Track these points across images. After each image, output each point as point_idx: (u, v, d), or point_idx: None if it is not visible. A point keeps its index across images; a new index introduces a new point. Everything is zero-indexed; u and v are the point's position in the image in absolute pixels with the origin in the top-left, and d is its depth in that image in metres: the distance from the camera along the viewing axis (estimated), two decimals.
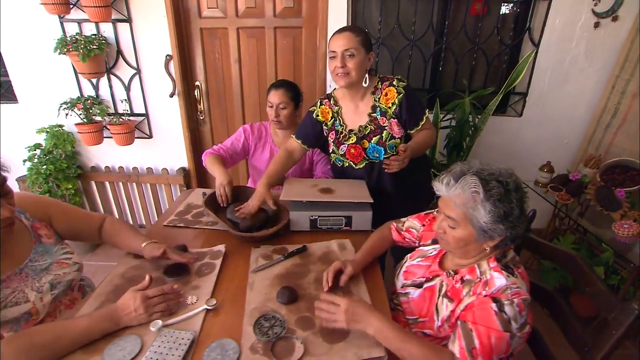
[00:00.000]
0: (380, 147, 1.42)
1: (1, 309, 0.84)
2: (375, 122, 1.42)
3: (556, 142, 2.26)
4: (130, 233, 1.17)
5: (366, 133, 1.43)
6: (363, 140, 1.45)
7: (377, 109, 1.41)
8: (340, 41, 1.30)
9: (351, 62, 1.31)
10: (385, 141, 1.41)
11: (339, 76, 1.34)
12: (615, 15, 1.98)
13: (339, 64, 1.31)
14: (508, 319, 0.79)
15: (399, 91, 1.37)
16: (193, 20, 2.19)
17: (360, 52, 1.31)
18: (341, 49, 1.30)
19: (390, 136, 1.41)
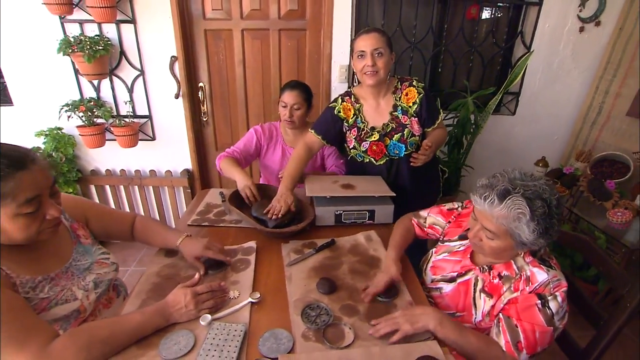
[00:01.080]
0: (401, 144, 1.49)
1: (53, 306, 0.84)
2: (397, 120, 1.48)
3: (547, 138, 2.42)
4: (162, 229, 1.18)
5: (388, 131, 1.50)
6: (385, 138, 1.50)
7: (399, 108, 1.48)
8: (369, 41, 1.37)
9: (380, 61, 1.37)
10: (406, 139, 1.48)
11: (367, 75, 1.40)
12: (598, 20, 2.15)
13: (369, 62, 1.37)
14: (552, 314, 0.86)
15: (419, 91, 1.45)
16: (197, 21, 2.19)
17: (386, 51, 1.39)
18: (370, 49, 1.36)
19: (411, 134, 1.48)
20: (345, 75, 2.28)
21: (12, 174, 0.74)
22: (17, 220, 0.76)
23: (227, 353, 0.83)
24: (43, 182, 0.80)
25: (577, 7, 2.12)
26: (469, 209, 1.17)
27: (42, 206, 0.80)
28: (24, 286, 0.81)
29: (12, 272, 0.79)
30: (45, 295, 0.84)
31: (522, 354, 0.86)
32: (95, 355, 0.77)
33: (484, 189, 0.88)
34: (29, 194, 0.76)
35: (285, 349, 0.85)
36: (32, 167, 0.78)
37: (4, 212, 0.75)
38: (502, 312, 0.92)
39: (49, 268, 0.88)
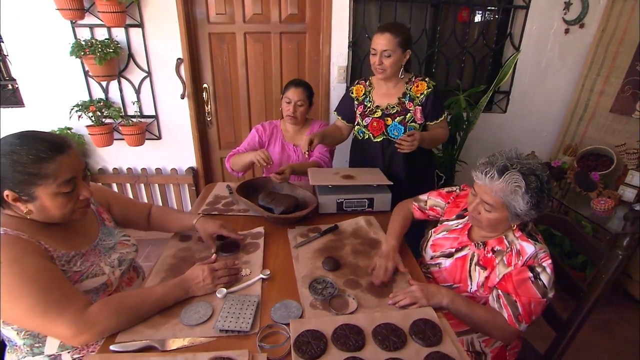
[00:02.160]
0: (401, 126, 1.63)
1: (84, 279, 0.93)
2: (403, 105, 1.63)
3: (537, 134, 2.53)
4: (178, 213, 1.28)
5: (392, 112, 1.64)
6: (387, 117, 1.65)
7: (407, 95, 1.63)
8: (381, 41, 1.52)
9: (387, 61, 1.54)
10: (407, 122, 1.62)
11: (377, 71, 1.59)
12: (582, 22, 2.28)
13: (377, 61, 1.55)
14: (544, 286, 0.96)
15: (429, 86, 1.61)
16: (202, 25, 2.30)
17: (396, 52, 1.52)
18: (380, 49, 1.53)
19: (413, 119, 1.63)
20: (343, 76, 2.38)
21: (53, 157, 0.83)
22: (56, 199, 0.85)
23: (243, 319, 0.92)
24: (78, 166, 0.90)
25: (562, 10, 2.25)
26: (466, 191, 1.27)
27: (76, 187, 0.89)
28: (60, 259, 0.89)
29: (49, 246, 0.88)
30: (78, 269, 0.92)
31: (522, 324, 0.97)
32: (124, 320, 0.86)
33: (485, 166, 0.99)
34: (67, 175, 0.85)
35: (296, 316, 0.94)
36: (69, 151, 0.87)
37: (46, 191, 0.83)
38: (500, 288, 1.01)
39: (80, 245, 0.96)
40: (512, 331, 0.98)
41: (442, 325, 0.90)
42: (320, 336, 0.85)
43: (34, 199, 0.83)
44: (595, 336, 1.88)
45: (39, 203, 0.84)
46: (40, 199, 0.84)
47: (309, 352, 0.80)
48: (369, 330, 0.87)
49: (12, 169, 0.80)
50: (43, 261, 0.83)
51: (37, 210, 0.85)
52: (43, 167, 0.82)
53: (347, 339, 0.84)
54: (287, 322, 0.91)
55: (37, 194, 0.83)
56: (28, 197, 0.83)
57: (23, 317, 0.79)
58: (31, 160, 0.81)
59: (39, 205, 0.85)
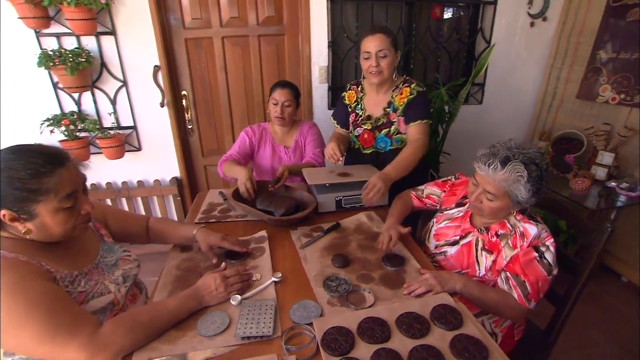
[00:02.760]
0: (387, 139, 1.60)
1: (90, 299, 0.87)
2: (387, 116, 1.59)
3: (512, 122, 2.66)
4: (177, 225, 1.23)
5: (378, 124, 1.60)
6: (375, 130, 1.62)
7: (391, 105, 1.57)
8: (374, 42, 1.43)
9: (384, 62, 1.45)
10: (392, 135, 1.59)
11: (372, 74, 1.49)
12: (545, 16, 2.42)
13: (374, 63, 1.45)
14: (549, 264, 1.01)
15: (411, 92, 1.53)
16: (177, 31, 2.23)
17: (391, 52, 1.45)
18: (375, 50, 1.44)
19: (397, 131, 1.58)
20: (324, 76, 2.40)
21: (53, 170, 0.78)
22: (57, 215, 0.80)
23: (264, 323, 0.90)
24: (78, 179, 0.85)
25: (526, 4, 2.38)
26: (461, 179, 1.31)
27: (78, 202, 0.84)
28: (63, 280, 0.83)
29: (51, 267, 0.82)
30: (82, 289, 0.87)
31: (531, 303, 1.02)
32: (139, 338, 0.82)
33: (487, 157, 1.02)
34: (68, 189, 0.80)
35: (316, 315, 0.93)
36: (68, 164, 0.82)
37: (47, 207, 0.78)
38: (508, 270, 1.05)
39: (82, 264, 0.91)
40: (522, 310, 1.03)
41: (460, 309, 0.92)
42: (346, 332, 0.84)
43: (34, 216, 0.78)
44: (584, 307, 1.99)
45: (39, 221, 0.79)
46: (41, 216, 0.78)
47: (339, 349, 0.80)
48: (392, 321, 0.88)
49: (10, 186, 0.74)
50: (46, 283, 0.78)
51: (36, 229, 0.80)
52: (43, 182, 0.76)
53: (373, 332, 0.84)
54: (309, 322, 0.90)
55: (38, 211, 0.78)
56: (27, 215, 0.77)
57: (30, 345, 0.73)
58: (30, 176, 0.75)
59: (39, 224, 0.79)
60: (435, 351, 0.79)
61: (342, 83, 2.50)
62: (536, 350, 1.28)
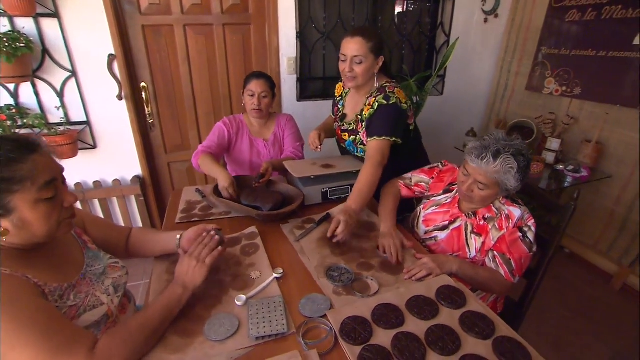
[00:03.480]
0: (353, 147, 1.58)
1: (82, 313, 0.78)
2: (357, 124, 1.52)
3: (470, 112, 2.85)
4: (158, 233, 1.13)
5: (349, 129, 1.57)
6: (345, 133, 1.59)
7: (362, 113, 1.47)
8: (352, 46, 1.33)
9: (359, 68, 1.35)
10: (357, 144, 1.54)
11: (346, 78, 1.41)
12: (497, 13, 2.60)
13: (348, 68, 1.36)
14: (530, 242, 1.11)
15: (373, 106, 1.40)
16: (132, 16, 2.05)
17: (368, 58, 1.34)
18: (350, 55, 1.34)
19: (361, 141, 1.51)
20: (293, 67, 2.36)
21: (26, 156, 0.69)
22: (38, 208, 0.70)
23: (277, 321, 0.87)
24: (55, 167, 0.75)
25: (480, 2, 2.54)
26: (447, 166, 1.37)
27: (59, 192, 0.75)
28: (52, 295, 0.74)
29: (38, 280, 0.72)
30: (73, 302, 0.77)
31: (516, 278, 1.12)
32: (138, 344, 0.76)
33: (479, 150, 1.07)
34: (46, 177, 0.71)
35: (326, 307, 0.92)
36: (41, 151, 0.73)
37: (25, 198, 0.68)
38: (495, 249, 1.14)
39: (69, 275, 0.81)
40: (509, 285, 1.12)
41: (462, 289, 0.98)
42: (362, 320, 0.85)
43: (10, 211, 0.67)
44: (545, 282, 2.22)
45: (18, 217, 0.68)
46: (19, 210, 0.68)
47: (359, 338, 0.81)
48: (402, 306, 0.91)
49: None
50: (37, 300, 0.69)
51: (15, 227, 0.69)
52: (16, 170, 0.67)
53: (388, 318, 0.86)
54: (322, 315, 0.90)
55: (14, 204, 0.67)
56: (3, 210, 0.67)
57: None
58: (1, 163, 0.66)
59: (18, 221, 0.69)
60: (448, 329, 0.83)
61: (310, 75, 2.48)
62: (512, 319, 1.40)
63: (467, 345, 0.80)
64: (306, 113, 2.47)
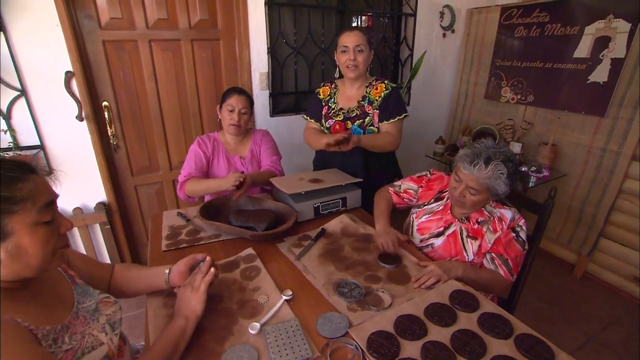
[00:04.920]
0: (360, 130, 1.65)
1: (80, 357, 0.68)
2: (362, 108, 1.64)
3: (435, 121, 3.00)
4: (144, 269, 1.04)
5: (352, 116, 1.65)
6: (347, 121, 1.65)
7: (367, 99, 1.64)
8: (352, 37, 1.51)
9: (360, 57, 1.53)
10: (366, 126, 1.64)
11: (349, 68, 1.55)
12: (453, 28, 2.79)
13: (351, 57, 1.52)
14: (523, 241, 1.17)
15: (387, 87, 1.61)
16: (92, 31, 1.90)
17: (367, 48, 1.54)
18: (353, 44, 1.51)
19: (371, 123, 1.64)
20: (265, 82, 2.33)
21: (26, 176, 0.64)
22: (36, 232, 0.64)
23: (299, 346, 0.83)
24: (52, 189, 0.70)
25: (439, 18, 2.72)
26: (436, 175, 1.41)
27: (56, 216, 0.68)
28: (46, 339, 0.64)
29: (29, 324, 0.62)
30: (68, 346, 0.67)
31: (514, 276, 1.17)
32: None
33: (471, 157, 1.12)
34: (46, 198, 0.66)
35: (345, 325, 0.89)
36: (39, 172, 0.68)
37: (24, 222, 0.62)
38: (492, 251, 1.18)
39: (60, 315, 0.71)
40: (508, 284, 1.17)
41: (472, 291, 1.00)
42: (387, 335, 0.84)
43: (7, 235, 0.61)
44: None
45: (14, 243, 0.61)
46: (17, 234, 0.62)
47: (389, 353, 0.79)
48: (421, 315, 0.91)
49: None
50: (31, 346, 0.60)
51: (9, 256, 0.62)
52: (17, 189, 0.62)
53: (412, 329, 0.85)
54: (343, 334, 0.87)
55: (12, 227, 0.61)
56: None
57: None
58: (0, 183, 0.61)
59: (14, 248, 0.61)
60: (471, 333, 0.84)
61: (282, 89, 2.47)
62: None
63: (492, 347, 0.82)
64: (279, 128, 2.44)
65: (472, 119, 2.86)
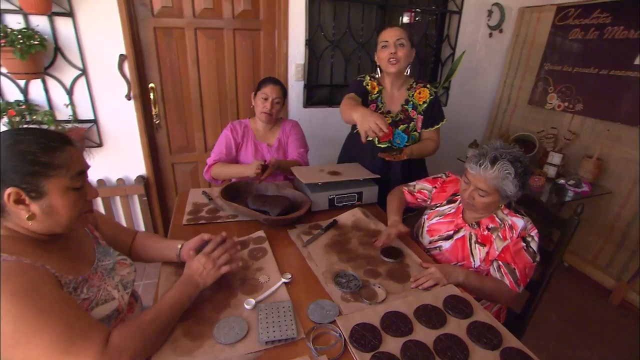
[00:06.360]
0: (405, 135, 1.63)
1: (94, 306, 0.79)
2: (406, 113, 1.63)
3: (472, 125, 2.88)
4: (160, 240, 1.14)
5: (396, 120, 1.64)
6: (392, 125, 1.64)
7: (410, 103, 1.63)
8: (393, 32, 1.52)
9: (401, 51, 1.52)
10: (410, 131, 1.63)
11: (390, 63, 1.54)
12: (501, 28, 2.65)
13: (392, 50, 1.51)
14: (534, 252, 1.13)
15: (431, 93, 1.62)
16: (145, 18, 2.07)
17: (408, 44, 1.53)
18: (393, 39, 1.51)
19: (415, 128, 1.64)
20: (301, 73, 2.39)
21: (64, 146, 0.75)
22: (67, 195, 0.75)
23: (286, 326, 0.88)
24: (85, 161, 0.81)
25: (486, 17, 2.59)
26: (451, 177, 1.39)
27: (85, 185, 0.80)
28: (67, 287, 0.75)
29: (56, 271, 0.74)
30: (86, 295, 0.78)
31: (520, 287, 1.13)
32: (149, 338, 0.77)
33: (478, 158, 1.10)
34: (78, 167, 0.77)
35: (335, 314, 0.93)
36: (75, 144, 0.79)
37: (58, 184, 0.73)
38: (500, 259, 1.15)
39: (82, 269, 0.82)
40: (514, 295, 1.13)
41: (468, 299, 0.99)
42: (371, 327, 0.86)
43: (43, 195, 0.72)
44: None
45: (47, 202, 0.73)
46: (50, 195, 0.73)
47: (369, 345, 0.81)
48: (410, 314, 0.92)
49: (21, 160, 0.70)
50: (56, 289, 0.71)
51: (42, 213, 0.73)
52: (55, 157, 0.73)
53: (397, 326, 0.87)
54: (330, 321, 0.91)
55: (48, 188, 0.72)
56: (36, 193, 0.71)
57: (41, 357, 0.65)
58: (42, 149, 0.72)
59: (47, 206, 0.73)
60: (456, 338, 0.84)
61: (318, 81, 2.51)
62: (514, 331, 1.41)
63: (475, 356, 0.81)
64: (312, 119, 2.49)
65: (512, 125, 2.71)
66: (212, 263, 0.94)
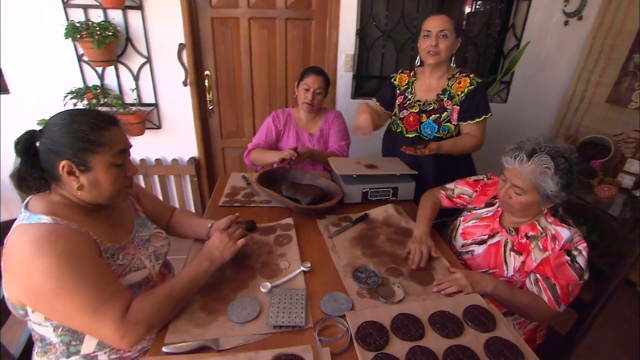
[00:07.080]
0: (435, 125, 1.54)
1: (127, 273, 0.88)
2: (440, 102, 1.53)
3: (534, 124, 2.61)
4: (195, 218, 1.22)
5: (428, 109, 1.55)
6: (422, 114, 1.57)
7: (447, 92, 1.52)
8: (437, 22, 1.42)
9: (443, 43, 1.43)
10: (442, 121, 1.53)
11: (430, 54, 1.46)
12: (581, 15, 2.34)
13: (433, 42, 1.43)
14: (581, 268, 1.00)
15: (472, 83, 1.48)
16: (204, 9, 2.19)
17: (452, 34, 1.43)
18: (436, 29, 1.42)
19: (448, 119, 1.53)
20: (350, 64, 2.35)
21: (109, 127, 0.84)
22: (110, 171, 0.83)
23: (296, 313, 0.90)
24: (127, 140, 0.89)
25: (562, 2, 2.30)
26: (493, 179, 1.29)
27: (126, 162, 0.88)
28: (106, 253, 0.85)
29: (97, 238, 0.83)
30: (121, 262, 0.88)
31: (561, 306, 1.01)
32: (165, 307, 0.84)
33: (514, 150, 1.02)
34: (120, 146, 0.85)
35: (347, 308, 0.93)
36: (120, 125, 0.87)
37: (103, 160, 0.82)
38: (538, 272, 1.04)
39: (120, 238, 0.92)
40: (552, 313, 1.02)
41: (492, 311, 0.92)
42: (380, 327, 0.84)
43: (90, 169, 0.81)
44: None
45: (93, 175, 0.82)
46: (95, 169, 0.82)
47: (374, 344, 0.80)
48: (425, 319, 0.88)
49: (74, 137, 0.79)
50: (94, 255, 0.80)
51: (89, 184, 0.83)
52: (101, 135, 0.82)
53: (407, 329, 0.84)
54: (341, 315, 0.91)
55: (94, 162, 0.81)
56: (84, 167, 0.81)
57: (74, 314, 0.75)
58: (91, 128, 0.81)
59: (93, 178, 0.82)
60: (470, 352, 0.79)
61: (367, 72, 2.46)
62: (555, 355, 1.28)
63: None
64: None
65: (584, 126, 2.40)
66: (228, 238, 0.99)
